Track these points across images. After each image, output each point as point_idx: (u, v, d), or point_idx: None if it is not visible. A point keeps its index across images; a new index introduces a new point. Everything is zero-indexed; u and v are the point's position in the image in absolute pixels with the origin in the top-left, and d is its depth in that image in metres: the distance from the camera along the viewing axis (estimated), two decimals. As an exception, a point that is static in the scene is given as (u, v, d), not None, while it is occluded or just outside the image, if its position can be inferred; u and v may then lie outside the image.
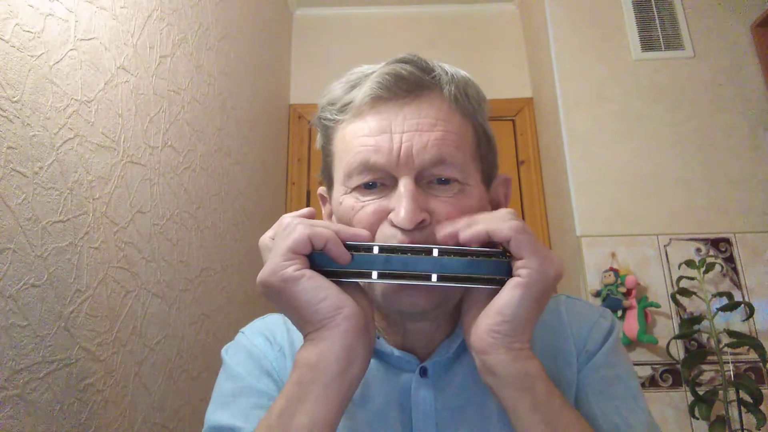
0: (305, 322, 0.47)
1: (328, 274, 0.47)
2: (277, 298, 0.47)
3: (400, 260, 0.47)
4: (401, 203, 0.49)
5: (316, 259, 0.47)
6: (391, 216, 0.50)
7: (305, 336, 0.47)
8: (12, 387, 0.64)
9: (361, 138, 0.53)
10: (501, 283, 0.47)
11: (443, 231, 0.48)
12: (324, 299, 0.45)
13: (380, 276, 0.47)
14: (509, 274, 0.47)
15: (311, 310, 0.45)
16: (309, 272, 0.46)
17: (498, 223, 0.46)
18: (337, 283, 0.47)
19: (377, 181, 0.52)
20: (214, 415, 0.57)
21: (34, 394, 0.67)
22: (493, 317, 0.45)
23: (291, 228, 0.47)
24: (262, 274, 0.46)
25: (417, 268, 0.47)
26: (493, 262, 0.47)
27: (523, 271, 0.45)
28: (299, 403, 0.44)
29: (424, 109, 0.53)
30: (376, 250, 0.48)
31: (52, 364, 0.71)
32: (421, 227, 0.50)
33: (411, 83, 0.53)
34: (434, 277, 0.47)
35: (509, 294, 0.45)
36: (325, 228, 0.47)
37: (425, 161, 0.51)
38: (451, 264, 0.47)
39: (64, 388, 0.73)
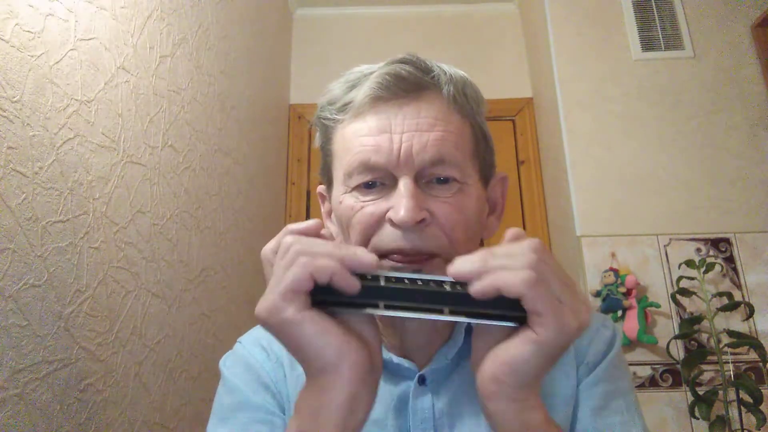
0: (307, 363, 0.44)
1: (332, 304, 0.43)
2: (277, 335, 0.44)
3: (409, 290, 0.43)
4: (401, 201, 0.49)
5: (320, 287, 0.43)
6: (391, 214, 0.49)
7: (307, 374, 0.45)
8: (12, 387, 0.64)
9: (361, 138, 0.53)
10: (513, 320, 0.43)
11: (454, 269, 0.42)
12: (326, 346, 0.42)
13: (387, 307, 0.43)
14: (523, 310, 0.41)
15: (312, 355, 0.42)
16: (310, 315, 0.41)
17: (510, 273, 0.40)
18: (342, 313, 0.44)
19: (377, 180, 0.52)
20: (215, 429, 0.56)
21: (34, 394, 0.67)
22: (499, 367, 0.42)
23: (291, 259, 0.42)
24: (260, 310, 0.42)
25: (427, 300, 0.43)
26: (507, 299, 0.41)
27: (538, 329, 0.39)
28: None
29: (424, 108, 0.53)
30: (382, 281, 0.43)
31: (52, 364, 0.71)
32: (422, 227, 0.49)
33: (410, 83, 0.53)
34: (446, 310, 0.43)
35: (520, 348, 0.40)
36: (328, 258, 0.42)
37: (425, 161, 0.51)
38: (463, 298, 0.42)
39: (64, 388, 0.73)
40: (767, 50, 1.78)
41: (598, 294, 1.58)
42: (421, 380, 0.56)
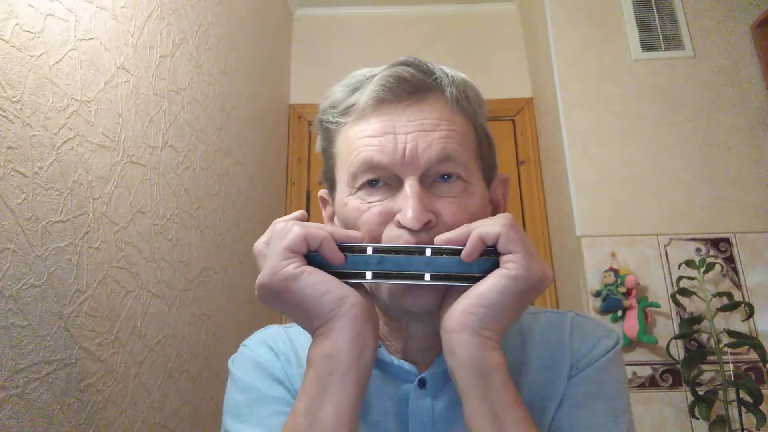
0: (311, 317, 0.47)
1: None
2: (279, 298, 0.47)
3: (394, 260, 0.48)
4: (408, 204, 0.49)
5: (312, 260, 0.48)
6: (398, 217, 0.50)
7: (313, 332, 0.48)
8: (12, 387, 0.64)
9: (364, 138, 0.53)
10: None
11: (442, 238, 0.49)
12: (327, 292, 0.46)
13: (374, 276, 0.48)
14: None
15: (316, 304, 0.46)
16: (309, 268, 0.47)
17: (489, 226, 0.47)
18: None
19: (381, 179, 0.53)
20: (234, 427, 0.56)
21: (34, 394, 0.67)
22: (471, 299, 0.46)
23: (287, 229, 0.48)
24: (262, 277, 0.47)
25: (410, 268, 0.48)
26: (484, 260, 0.48)
27: (510, 264, 0.46)
28: (322, 397, 0.45)
29: (427, 110, 0.53)
30: (369, 250, 0.48)
31: (52, 364, 0.71)
32: (428, 228, 0.50)
33: (413, 85, 0.53)
34: (427, 276, 0.48)
35: (493, 282, 0.46)
36: (319, 229, 0.48)
37: (431, 159, 0.51)
38: (444, 263, 0.48)
39: (64, 388, 0.73)
40: (767, 50, 1.78)
41: (598, 294, 1.58)
42: (422, 383, 0.56)
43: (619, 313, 1.55)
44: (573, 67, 1.85)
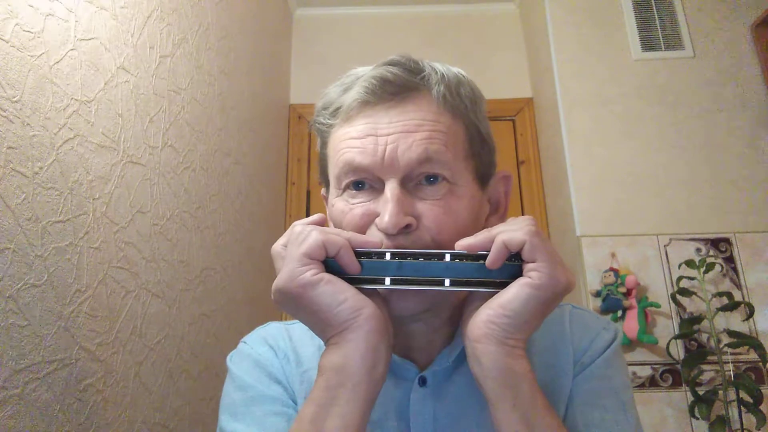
0: (326, 326, 0.47)
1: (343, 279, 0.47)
2: (295, 304, 0.47)
3: (413, 266, 0.47)
4: (386, 208, 0.49)
5: (330, 266, 0.47)
6: (377, 220, 0.50)
7: (327, 341, 0.47)
8: (12, 387, 0.64)
9: (348, 140, 0.53)
10: (507, 285, 0.47)
11: (463, 243, 0.48)
12: (344, 302, 0.46)
13: (393, 282, 0.47)
14: (515, 276, 0.47)
15: (332, 314, 0.46)
16: (327, 276, 0.46)
17: (513, 232, 0.46)
18: None
19: (365, 181, 0.53)
20: (230, 425, 0.56)
21: (34, 394, 0.67)
22: (494, 309, 0.46)
23: (305, 234, 0.47)
24: (279, 282, 0.46)
25: (430, 274, 0.47)
26: (506, 266, 0.46)
27: (534, 273, 0.45)
28: (330, 407, 0.45)
29: (410, 111, 0.53)
30: (388, 256, 0.48)
31: (52, 364, 0.71)
32: (407, 232, 0.50)
33: (397, 86, 0.53)
34: (447, 282, 0.47)
35: (516, 291, 0.45)
36: (337, 235, 0.47)
37: (411, 160, 0.51)
38: (464, 268, 0.47)
39: (64, 388, 0.73)
40: (767, 50, 1.78)
41: (598, 294, 1.58)
42: (422, 381, 0.56)
43: (619, 313, 1.55)
44: (573, 67, 1.85)
